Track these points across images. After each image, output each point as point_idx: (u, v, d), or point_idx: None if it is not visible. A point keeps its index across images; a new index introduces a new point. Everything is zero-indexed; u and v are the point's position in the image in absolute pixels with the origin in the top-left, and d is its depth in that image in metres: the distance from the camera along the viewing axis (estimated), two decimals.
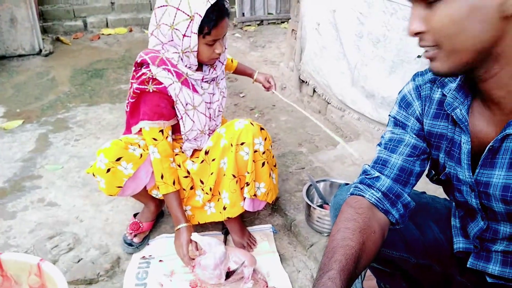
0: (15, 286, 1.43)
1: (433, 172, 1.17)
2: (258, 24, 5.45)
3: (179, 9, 1.53)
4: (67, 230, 1.98)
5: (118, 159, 1.66)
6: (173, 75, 1.64)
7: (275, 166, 1.89)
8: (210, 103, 1.81)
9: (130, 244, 1.87)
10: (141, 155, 1.72)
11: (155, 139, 1.70)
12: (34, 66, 3.91)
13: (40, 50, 4.11)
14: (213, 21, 1.54)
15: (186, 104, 1.70)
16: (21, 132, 2.83)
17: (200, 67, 1.75)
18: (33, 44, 4.06)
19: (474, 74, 0.89)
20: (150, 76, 1.62)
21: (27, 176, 2.38)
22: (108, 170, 1.65)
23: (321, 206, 1.99)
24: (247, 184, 1.74)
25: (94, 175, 1.68)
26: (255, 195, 1.77)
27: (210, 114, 1.82)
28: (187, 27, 1.54)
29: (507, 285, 1.07)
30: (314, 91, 3.13)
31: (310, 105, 3.21)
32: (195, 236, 1.69)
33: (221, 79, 1.87)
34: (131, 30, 4.90)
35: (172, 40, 1.59)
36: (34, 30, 4.03)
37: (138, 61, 1.65)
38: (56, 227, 2.00)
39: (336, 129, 2.91)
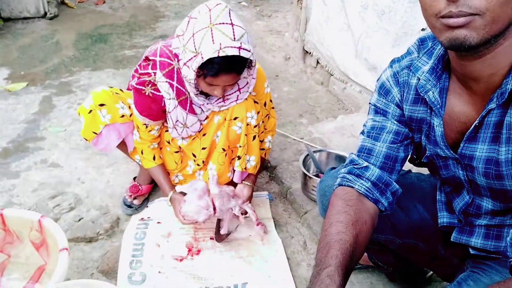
0: (17, 241, 1.50)
1: (415, 157, 1.18)
2: None
3: (193, 36, 1.44)
4: (69, 190, 2.03)
5: (101, 105, 1.71)
6: (173, 91, 1.60)
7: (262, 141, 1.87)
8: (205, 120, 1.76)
9: (129, 206, 1.92)
10: (123, 115, 1.75)
11: (138, 127, 1.73)
12: (39, 29, 3.90)
13: (45, 13, 4.08)
14: (213, 71, 1.44)
15: (176, 121, 1.68)
16: (25, 94, 2.86)
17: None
18: (38, 7, 4.03)
19: (477, 49, 0.85)
20: (152, 81, 1.59)
21: (31, 137, 2.43)
22: (90, 111, 1.70)
23: (317, 176, 2.02)
24: (239, 157, 1.73)
25: (79, 114, 1.74)
26: (245, 168, 1.78)
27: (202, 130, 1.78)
28: (189, 59, 1.47)
29: (488, 256, 1.10)
30: (318, 62, 3.11)
31: (313, 76, 3.20)
32: (178, 187, 1.72)
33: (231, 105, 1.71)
34: None
35: None
36: None
37: (150, 58, 1.60)
38: (58, 187, 2.05)
39: (337, 101, 2.91)
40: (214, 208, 1.66)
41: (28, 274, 1.46)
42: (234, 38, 1.41)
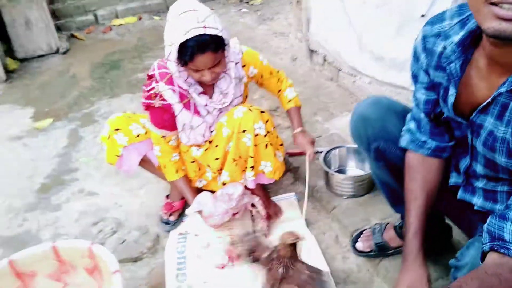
0: (71, 269, 1.61)
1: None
2: None
3: (168, 34, 1.60)
4: (108, 215, 2.16)
5: (117, 130, 1.85)
6: (177, 96, 1.74)
7: (281, 145, 1.97)
8: (212, 125, 1.88)
9: (166, 223, 2.04)
10: (138, 135, 1.88)
11: (158, 141, 1.86)
12: (54, 65, 4.06)
13: (58, 49, 4.23)
14: (188, 56, 1.56)
15: (184, 124, 1.81)
16: (53, 129, 3.00)
17: (211, 89, 1.81)
18: (50, 44, 4.19)
19: None
20: (157, 92, 1.74)
21: (65, 170, 2.56)
22: (109, 137, 1.86)
23: (339, 172, 2.09)
24: (252, 168, 1.82)
25: (101, 143, 1.91)
26: (263, 172, 1.87)
27: (210, 134, 1.89)
28: (169, 53, 1.62)
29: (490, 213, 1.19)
30: (325, 59, 3.18)
31: (322, 73, 3.27)
32: (188, 211, 1.87)
33: (234, 105, 1.86)
34: (140, 18, 4.97)
35: None
36: (49, 29, 4.15)
37: (150, 74, 1.76)
38: (98, 214, 2.18)
39: (349, 94, 2.97)
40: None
41: None
42: (198, 21, 1.54)
